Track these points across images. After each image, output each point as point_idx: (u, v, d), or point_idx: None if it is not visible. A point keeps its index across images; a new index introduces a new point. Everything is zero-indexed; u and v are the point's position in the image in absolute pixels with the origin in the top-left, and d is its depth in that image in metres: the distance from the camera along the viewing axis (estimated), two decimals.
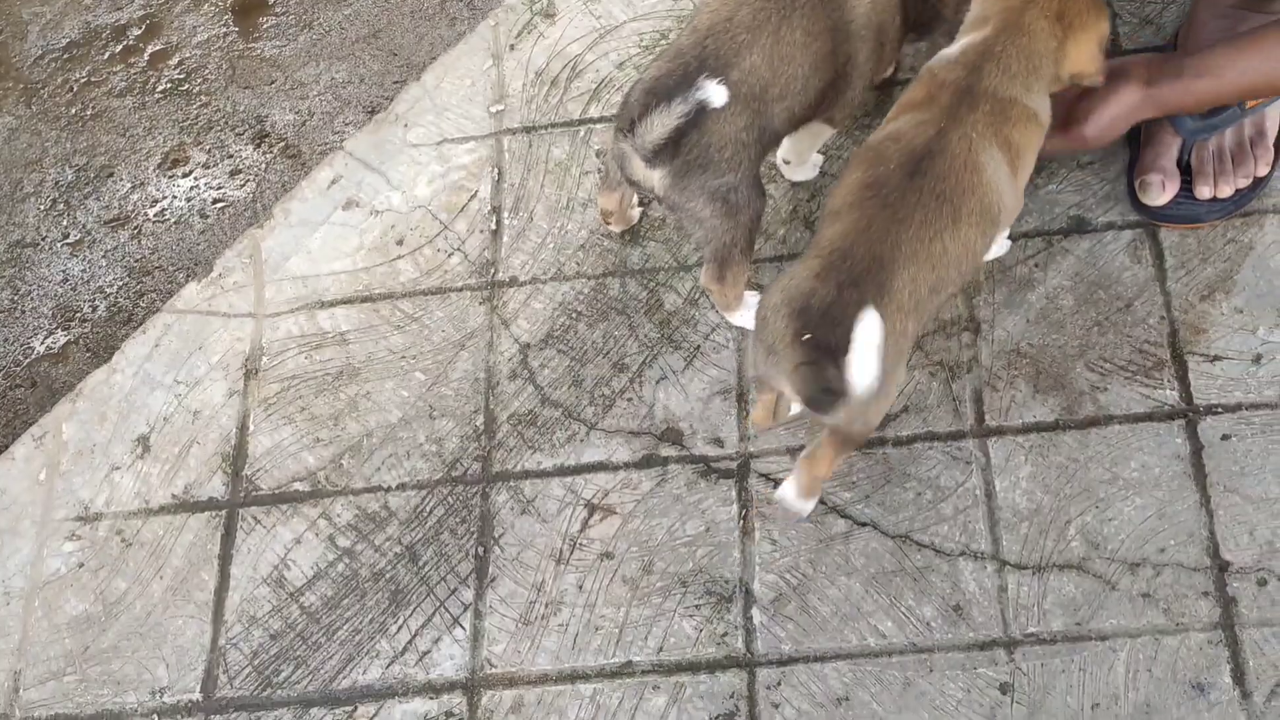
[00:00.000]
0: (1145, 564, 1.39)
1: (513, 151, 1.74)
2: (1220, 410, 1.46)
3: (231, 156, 2.01)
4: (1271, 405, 1.45)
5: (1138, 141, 1.59)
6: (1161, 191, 1.53)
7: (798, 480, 1.39)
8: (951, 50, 1.35)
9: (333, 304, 1.67)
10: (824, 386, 1.20)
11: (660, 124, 1.28)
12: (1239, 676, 1.33)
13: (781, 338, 1.24)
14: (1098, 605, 1.38)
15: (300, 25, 2.14)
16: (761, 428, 1.49)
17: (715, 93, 1.28)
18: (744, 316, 1.55)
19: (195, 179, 1.99)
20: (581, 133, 1.74)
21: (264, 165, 1.99)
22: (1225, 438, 1.44)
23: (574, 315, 1.62)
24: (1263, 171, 1.54)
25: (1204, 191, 1.53)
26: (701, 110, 1.29)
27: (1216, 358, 1.48)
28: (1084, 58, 1.33)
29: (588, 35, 1.81)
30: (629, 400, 1.56)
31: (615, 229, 1.63)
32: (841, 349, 1.20)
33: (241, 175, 1.99)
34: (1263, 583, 1.37)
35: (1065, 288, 1.55)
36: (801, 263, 1.28)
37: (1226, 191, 1.53)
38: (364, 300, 1.66)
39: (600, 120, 1.74)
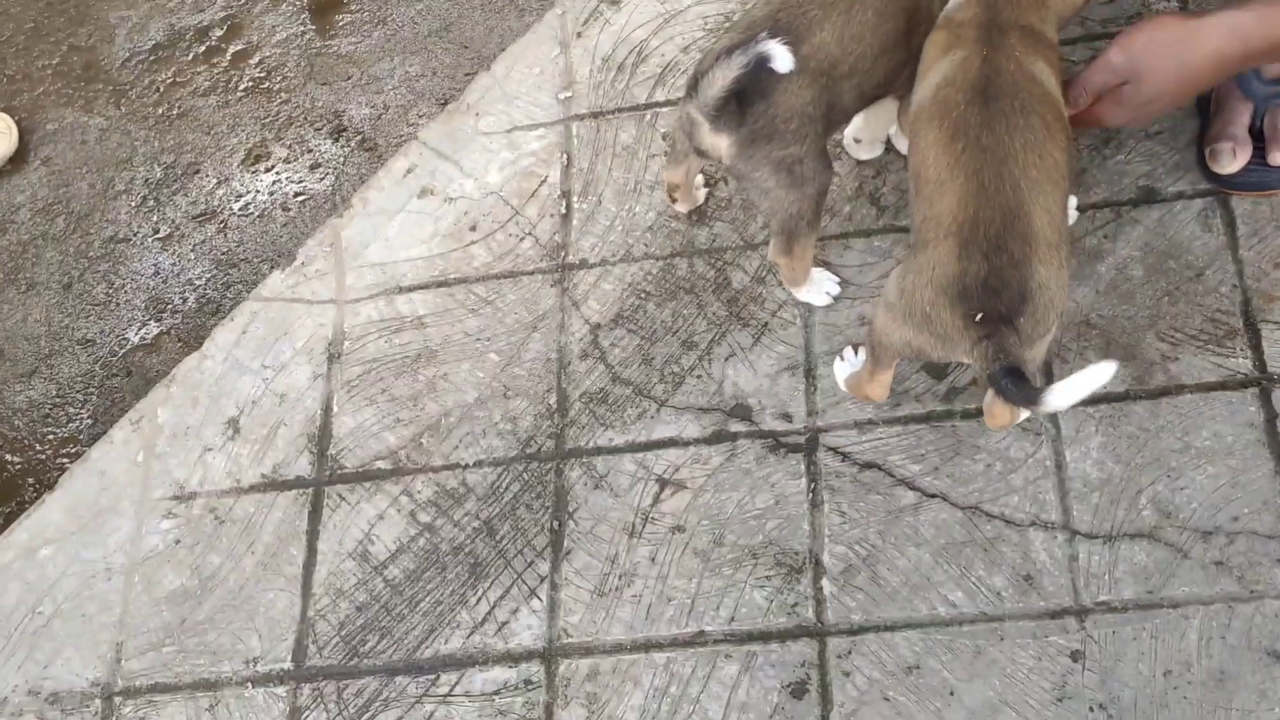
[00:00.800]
0: (1218, 532, 1.39)
1: (581, 137, 1.78)
2: None
3: (311, 151, 2.08)
4: None
5: (1208, 110, 1.57)
6: (1233, 159, 1.51)
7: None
8: None
9: (410, 289, 1.72)
10: (1010, 367, 1.19)
11: (721, 77, 1.27)
12: None
13: (953, 325, 1.23)
14: (1170, 573, 1.38)
15: (374, 22, 2.20)
16: (862, 392, 1.48)
17: (778, 51, 1.27)
18: (810, 292, 1.57)
19: (277, 174, 2.06)
20: (648, 117, 1.77)
21: (342, 159, 2.06)
22: None
23: (643, 295, 1.65)
24: None
25: (1277, 158, 1.51)
26: (765, 69, 1.27)
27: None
28: None
29: (653, 20, 1.83)
30: (698, 377, 1.59)
31: (681, 208, 1.66)
32: (1014, 312, 1.20)
33: (321, 169, 2.06)
34: None
35: (1135, 258, 1.54)
36: (932, 245, 1.25)
37: None
38: (440, 285, 1.71)
39: (666, 104, 1.77)
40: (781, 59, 1.28)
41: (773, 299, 1.62)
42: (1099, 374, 1.14)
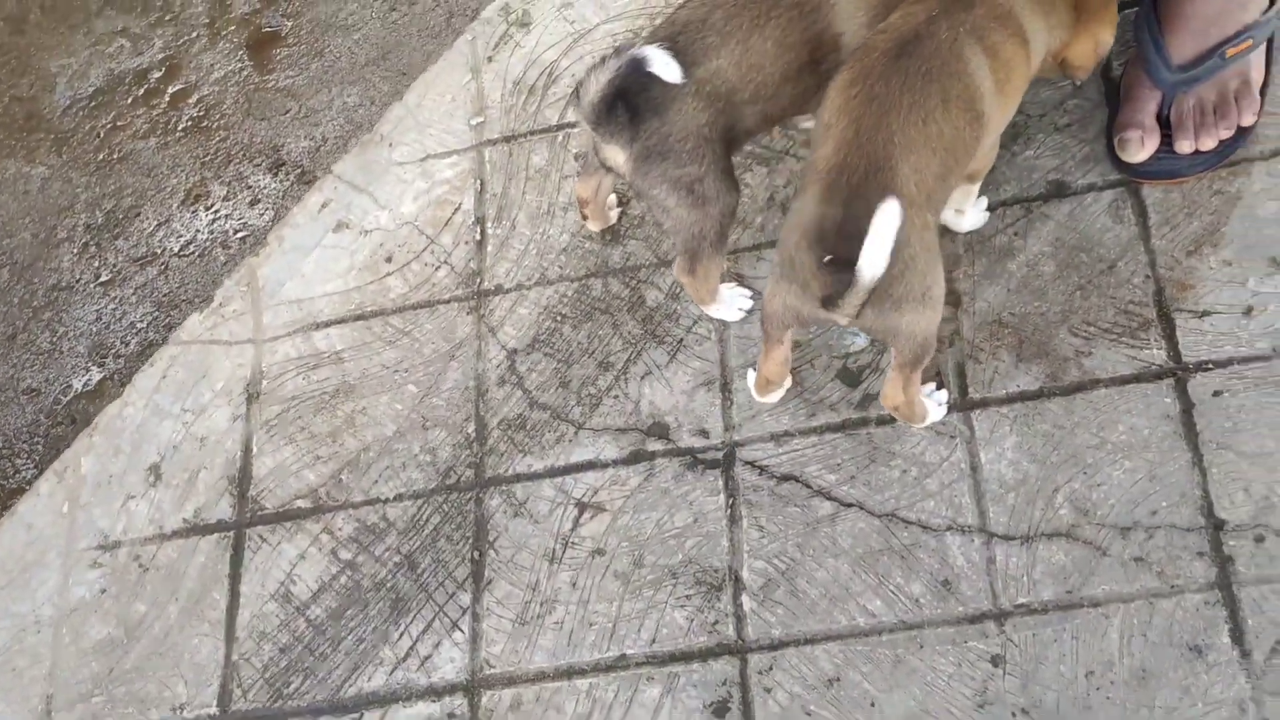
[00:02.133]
0: (1137, 528, 1.37)
1: (494, 162, 1.77)
2: (1211, 366, 1.43)
3: (250, 187, 2.07)
4: (1264, 358, 1.41)
5: (1117, 99, 1.56)
6: (1141, 147, 1.50)
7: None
8: None
9: (327, 324, 1.71)
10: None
11: (596, 81, 1.28)
12: (1238, 636, 1.30)
13: (809, 269, 1.23)
14: (1089, 572, 1.36)
15: (311, 54, 2.20)
16: (773, 388, 1.48)
17: (657, 56, 1.27)
18: (721, 309, 1.55)
19: (216, 212, 2.06)
20: (559, 138, 1.76)
21: (281, 193, 2.05)
22: (1217, 394, 1.41)
23: (559, 318, 1.64)
24: (1248, 121, 1.50)
25: (1185, 146, 1.49)
26: (656, 86, 1.29)
27: (1205, 313, 1.45)
28: (1079, 49, 1.35)
29: (562, 41, 1.83)
30: (615, 398, 1.58)
31: (593, 227, 1.65)
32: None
33: (260, 204, 2.05)
34: (1260, 539, 1.33)
35: (1046, 254, 1.52)
36: (805, 190, 1.26)
37: (1209, 144, 1.49)
38: (357, 319, 1.70)
39: (577, 125, 1.76)
40: (661, 63, 1.27)
41: (687, 315, 1.60)
42: (888, 212, 1.15)
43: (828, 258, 1.20)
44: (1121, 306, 1.48)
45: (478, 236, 1.72)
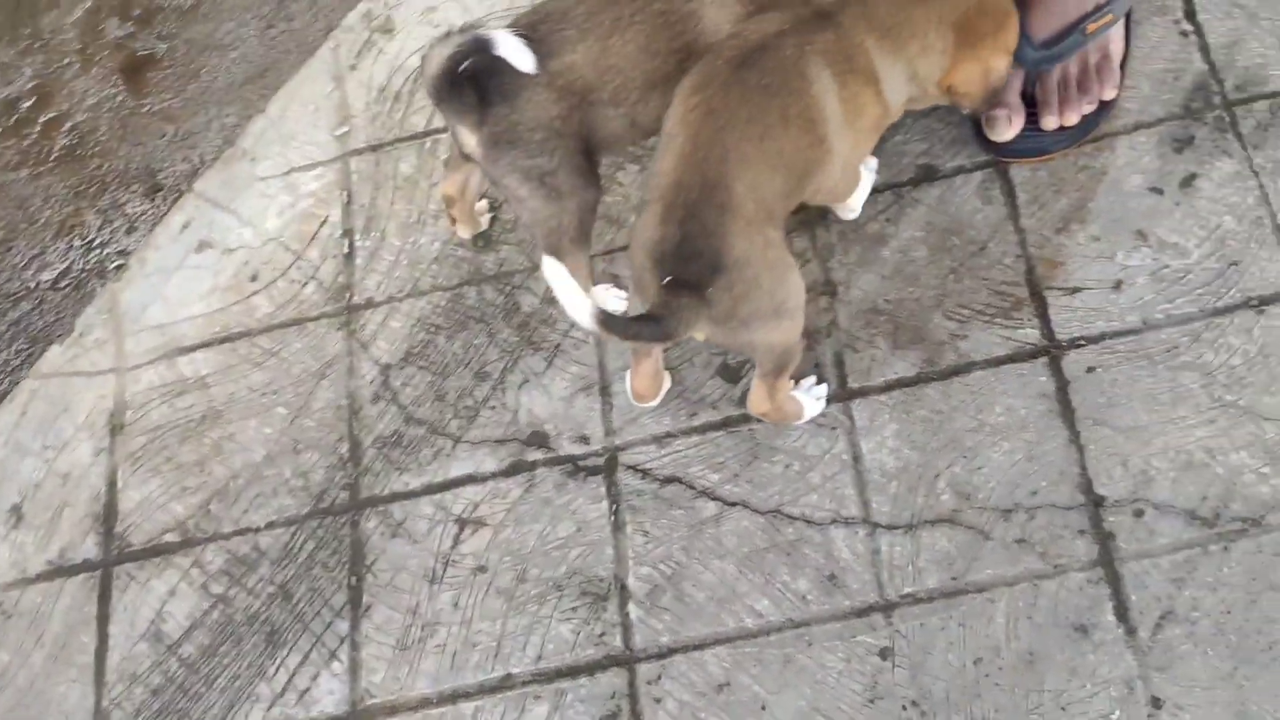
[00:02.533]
0: (1018, 509, 1.36)
1: (360, 172, 1.71)
2: (1083, 343, 1.42)
3: (127, 215, 1.99)
4: (1135, 331, 1.41)
5: None
6: (1009, 125, 1.49)
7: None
8: None
9: (192, 349, 1.64)
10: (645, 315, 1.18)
11: (438, 54, 1.24)
12: (1122, 613, 1.29)
13: (655, 290, 1.20)
14: (972, 557, 1.34)
15: (187, 76, 2.12)
16: (647, 399, 1.45)
17: (507, 41, 1.23)
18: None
19: (91, 242, 1.97)
20: (427, 144, 1.71)
21: (158, 218, 1.97)
22: (1090, 370, 1.41)
23: (432, 329, 1.59)
24: (1109, 95, 1.50)
25: (1050, 122, 1.49)
26: (506, 73, 1.26)
27: (1076, 289, 1.45)
28: (963, 76, 1.29)
29: (427, 45, 1.76)
30: (493, 408, 1.53)
31: (462, 233, 1.60)
32: (705, 281, 1.17)
33: (138, 231, 1.97)
34: (1139, 514, 1.33)
35: (918, 239, 1.51)
36: (647, 206, 1.23)
37: (1073, 119, 1.49)
38: (222, 341, 1.64)
39: (445, 130, 1.71)
40: (511, 48, 1.23)
41: (563, 319, 1.56)
42: (552, 273, 1.11)
43: (667, 279, 1.17)
44: (994, 287, 1.47)
45: (346, 249, 1.67)
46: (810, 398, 1.42)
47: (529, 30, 1.28)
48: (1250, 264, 1.41)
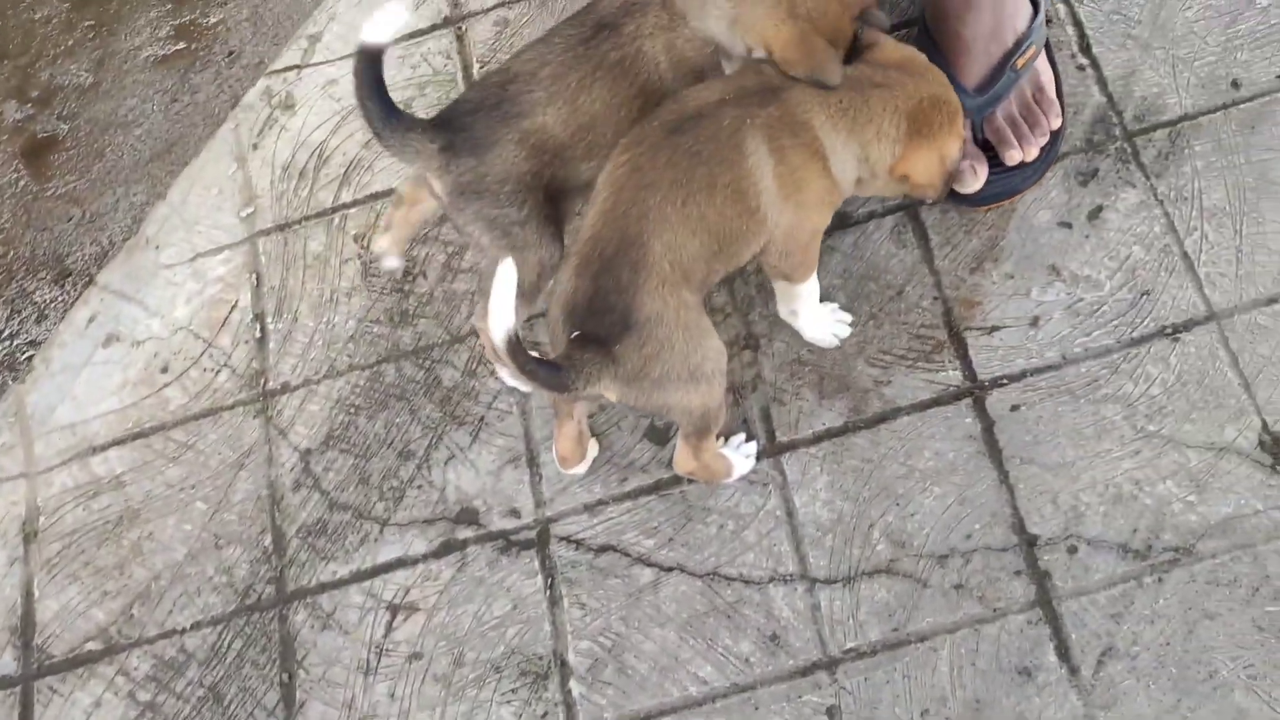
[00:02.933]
0: (954, 554, 1.35)
1: (269, 253, 1.68)
2: (1005, 381, 1.43)
3: (35, 304, 1.93)
4: (1055, 366, 1.42)
5: None
6: (975, 175, 1.47)
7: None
8: None
9: (105, 447, 1.59)
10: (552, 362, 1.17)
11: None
12: (1064, 653, 1.29)
13: (563, 344, 1.19)
14: (912, 606, 1.33)
15: (92, 155, 2.07)
16: (572, 463, 1.43)
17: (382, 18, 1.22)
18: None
19: (0, 333, 1.91)
20: (336, 220, 1.68)
21: (69, 304, 1.92)
22: (1014, 408, 1.41)
23: (352, 410, 1.56)
24: (1055, 124, 1.50)
25: (1014, 156, 1.47)
26: (465, 115, 1.28)
27: (994, 328, 1.45)
28: (919, 165, 1.29)
29: (330, 120, 1.75)
30: (419, 488, 1.50)
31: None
32: (613, 338, 1.16)
33: (48, 320, 1.91)
34: (1073, 550, 1.33)
35: (836, 286, 1.51)
36: (566, 260, 1.23)
37: (1033, 153, 1.48)
38: (135, 437, 1.59)
39: (354, 204, 1.69)
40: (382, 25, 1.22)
41: (486, 391, 1.54)
42: (503, 271, 1.10)
43: (575, 333, 1.16)
44: (914, 331, 1.47)
45: (258, 334, 1.63)
46: (739, 455, 1.41)
47: (499, 90, 1.29)
48: (1162, 292, 1.43)
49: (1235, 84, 1.51)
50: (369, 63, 1.23)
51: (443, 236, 1.62)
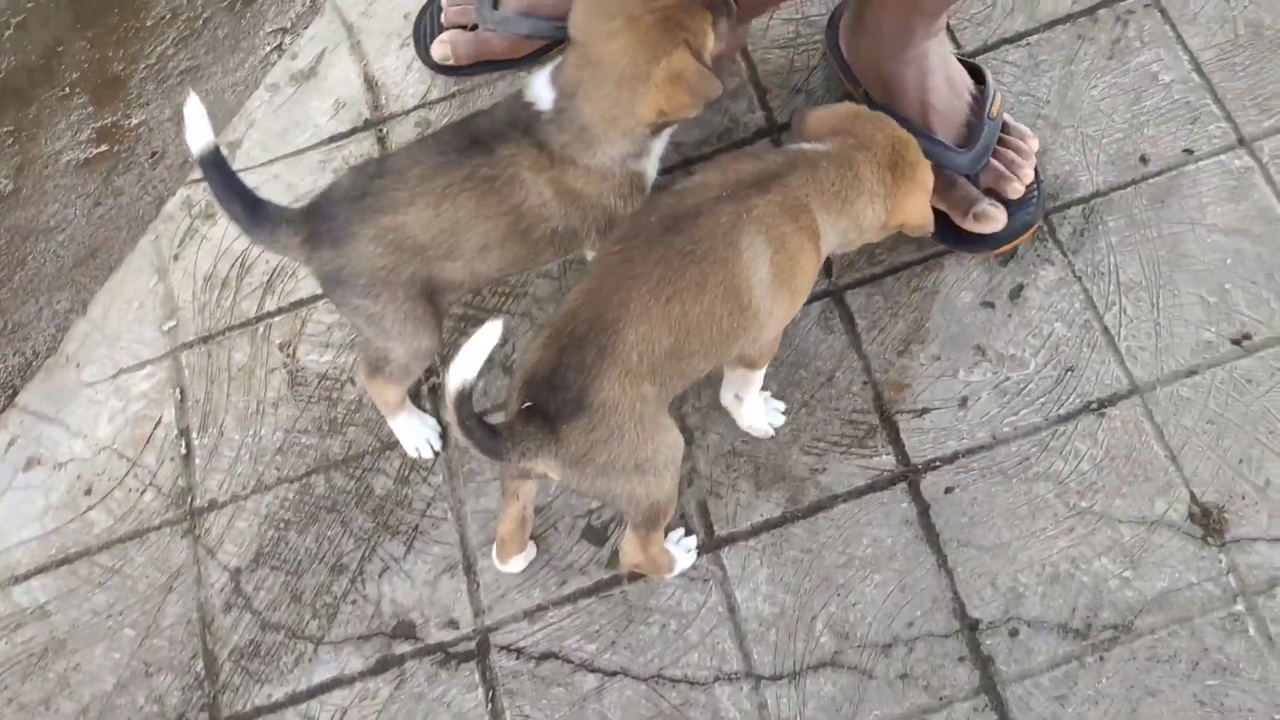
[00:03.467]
0: (897, 643, 1.34)
1: (192, 366, 1.65)
2: (938, 464, 1.43)
3: None
4: (986, 446, 1.43)
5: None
6: (998, 209, 1.47)
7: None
8: (788, 147, 1.30)
9: (27, 576, 1.54)
10: (482, 422, 1.13)
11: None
12: None
13: (512, 412, 1.18)
14: (859, 699, 1.32)
15: (13, 264, 2.02)
16: (509, 549, 1.40)
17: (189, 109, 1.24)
18: (400, 427, 1.51)
19: None
20: (260, 329, 1.66)
21: None
22: (948, 490, 1.41)
23: (282, 525, 1.53)
24: (1035, 146, 1.53)
25: (1017, 188, 1.48)
26: (331, 205, 1.29)
27: (924, 410, 1.46)
28: (911, 210, 1.30)
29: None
30: (353, 603, 1.47)
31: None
32: (563, 416, 1.14)
33: None
34: (1014, 633, 1.33)
35: (767, 375, 1.51)
36: (539, 333, 1.22)
37: (1029, 177, 1.50)
38: (60, 564, 1.54)
39: (278, 312, 1.67)
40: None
41: (420, 498, 1.51)
42: (487, 330, 1.08)
43: (527, 404, 1.15)
44: (846, 417, 1.47)
45: (183, 450, 1.59)
46: (680, 550, 1.39)
47: (367, 181, 1.29)
48: (1085, 368, 1.44)
49: (1144, 159, 1.54)
50: (210, 168, 1.26)
51: None
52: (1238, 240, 1.47)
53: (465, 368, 1.08)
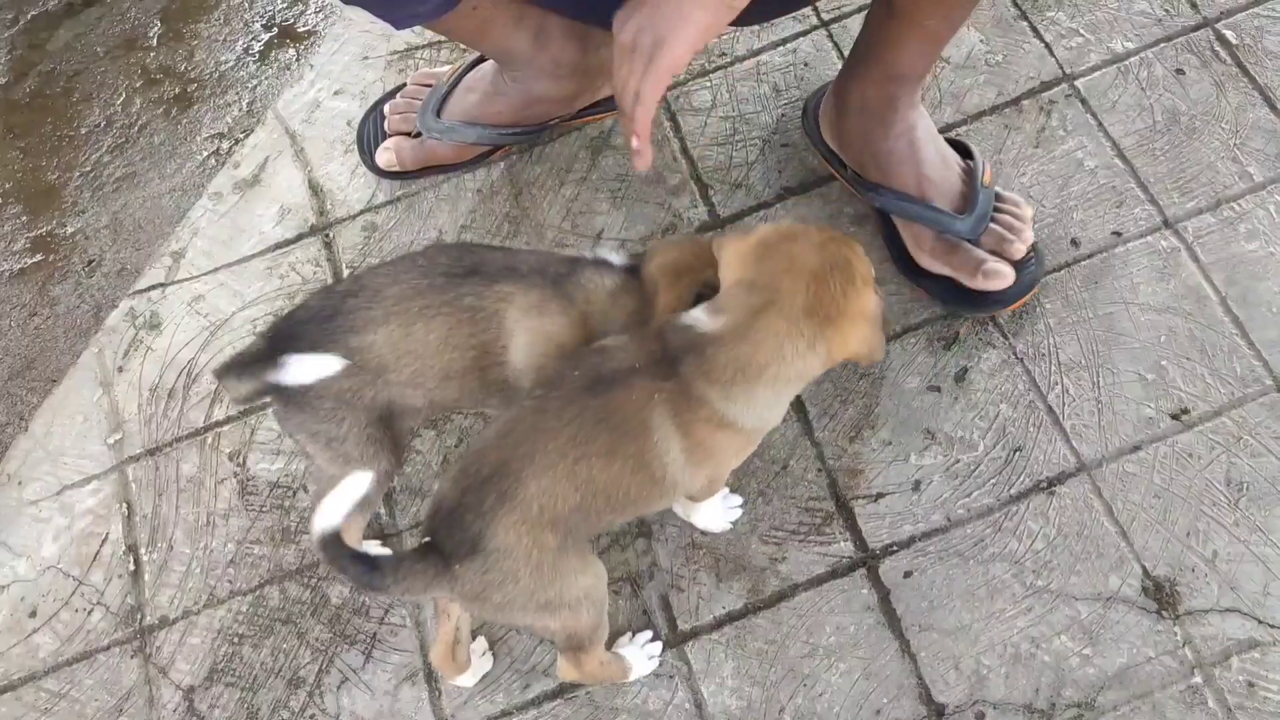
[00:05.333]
0: None
1: (139, 480, 1.62)
2: (895, 548, 1.44)
3: None
4: (942, 529, 1.45)
5: (936, 282, 1.56)
6: (1006, 266, 1.50)
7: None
8: (694, 314, 1.18)
9: None
10: (356, 554, 1.12)
11: (233, 388, 1.25)
12: None
13: (418, 543, 1.16)
14: None
15: None
16: (447, 672, 1.38)
17: (298, 369, 1.22)
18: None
19: None
20: (209, 439, 1.64)
21: None
22: (907, 575, 1.42)
23: (236, 640, 1.49)
24: (1030, 212, 1.55)
25: (1019, 248, 1.51)
26: (296, 325, 1.25)
27: (879, 495, 1.48)
28: (852, 341, 1.16)
29: (198, 336, 1.72)
30: (311, 717, 1.43)
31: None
32: (456, 555, 1.12)
33: None
34: (980, 716, 1.34)
35: None
36: (452, 466, 1.21)
37: (1030, 237, 1.53)
38: (4, 691, 1.49)
39: (227, 421, 1.65)
40: (297, 371, 1.22)
41: (377, 605, 1.49)
42: (351, 485, 1.11)
43: (426, 538, 1.14)
44: (802, 505, 1.49)
45: (132, 566, 1.56)
46: (642, 655, 1.38)
47: (339, 300, 1.26)
48: (1033, 448, 1.47)
49: (1075, 242, 1.59)
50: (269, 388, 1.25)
51: None
52: (1170, 318, 1.52)
53: (328, 518, 1.09)
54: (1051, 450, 1.47)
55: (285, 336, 1.26)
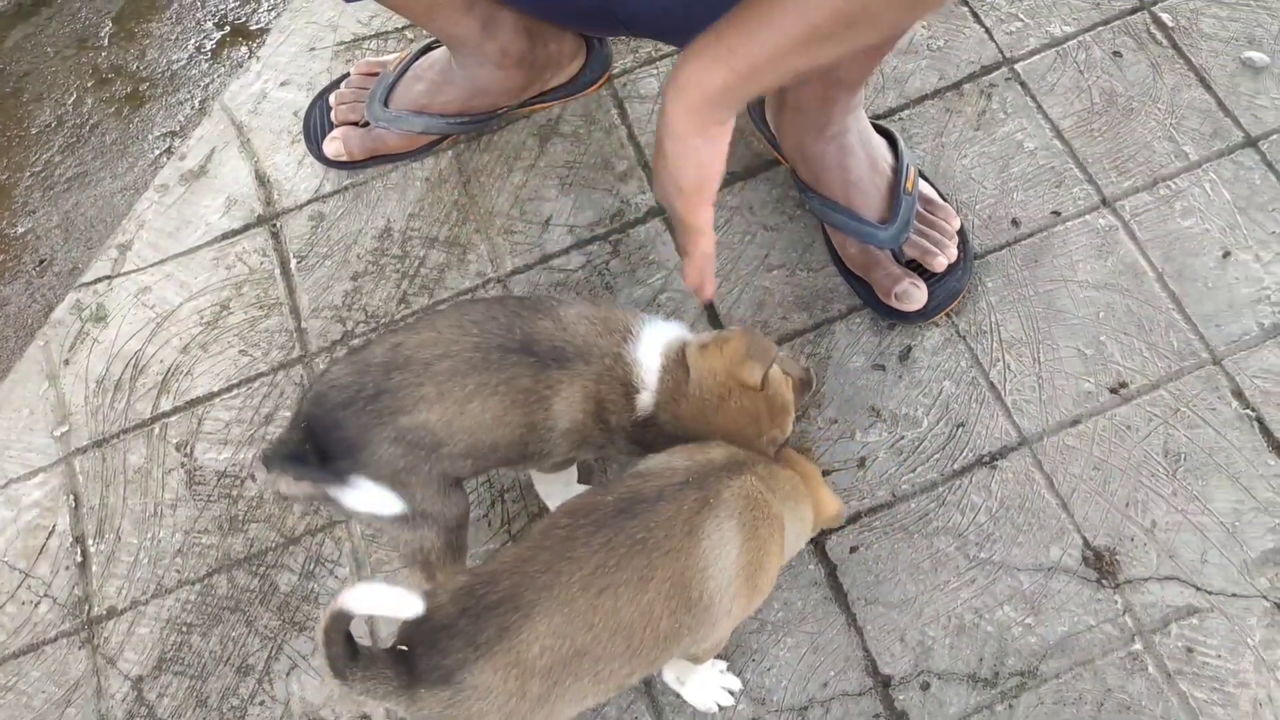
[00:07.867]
0: (813, 705, 1.35)
1: (87, 471, 1.61)
2: (843, 524, 1.46)
3: None
4: (888, 504, 1.46)
5: (861, 287, 1.58)
6: (918, 289, 1.52)
7: None
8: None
9: None
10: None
11: (285, 485, 1.18)
12: None
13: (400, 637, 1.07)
14: None
15: None
16: None
17: (366, 497, 1.17)
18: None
19: None
20: (156, 430, 1.63)
21: None
22: (854, 550, 1.44)
23: (184, 629, 1.49)
24: (957, 225, 1.57)
25: (941, 262, 1.53)
26: (336, 413, 1.17)
27: (826, 473, 1.49)
28: (824, 508, 1.23)
29: (145, 328, 1.72)
30: (261, 704, 1.43)
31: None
32: (428, 678, 1.02)
33: None
34: (925, 686, 1.35)
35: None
36: (462, 574, 1.10)
37: (953, 253, 1.55)
38: None
39: (174, 411, 1.64)
40: (363, 499, 1.17)
41: (326, 591, 1.49)
42: (404, 603, 1.02)
43: (402, 645, 1.04)
44: None
45: (79, 558, 1.55)
46: None
47: (382, 377, 1.18)
48: (975, 423, 1.49)
49: (1015, 222, 1.62)
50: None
51: (268, 435, 1.59)
52: (1108, 294, 1.55)
53: (359, 604, 0.99)
54: (994, 425, 1.49)
55: (325, 426, 1.17)
